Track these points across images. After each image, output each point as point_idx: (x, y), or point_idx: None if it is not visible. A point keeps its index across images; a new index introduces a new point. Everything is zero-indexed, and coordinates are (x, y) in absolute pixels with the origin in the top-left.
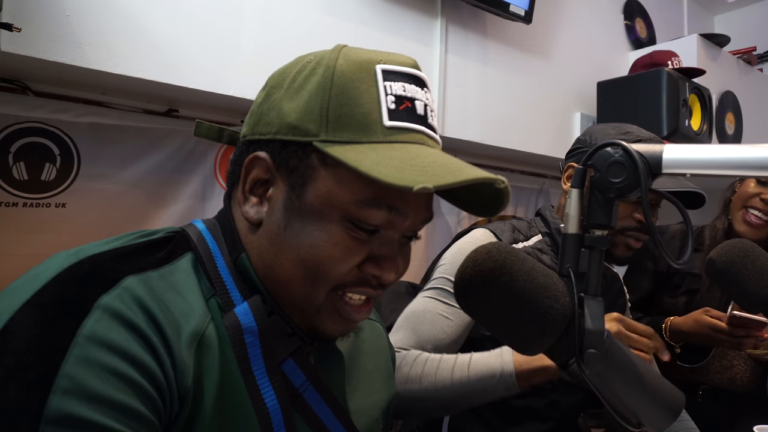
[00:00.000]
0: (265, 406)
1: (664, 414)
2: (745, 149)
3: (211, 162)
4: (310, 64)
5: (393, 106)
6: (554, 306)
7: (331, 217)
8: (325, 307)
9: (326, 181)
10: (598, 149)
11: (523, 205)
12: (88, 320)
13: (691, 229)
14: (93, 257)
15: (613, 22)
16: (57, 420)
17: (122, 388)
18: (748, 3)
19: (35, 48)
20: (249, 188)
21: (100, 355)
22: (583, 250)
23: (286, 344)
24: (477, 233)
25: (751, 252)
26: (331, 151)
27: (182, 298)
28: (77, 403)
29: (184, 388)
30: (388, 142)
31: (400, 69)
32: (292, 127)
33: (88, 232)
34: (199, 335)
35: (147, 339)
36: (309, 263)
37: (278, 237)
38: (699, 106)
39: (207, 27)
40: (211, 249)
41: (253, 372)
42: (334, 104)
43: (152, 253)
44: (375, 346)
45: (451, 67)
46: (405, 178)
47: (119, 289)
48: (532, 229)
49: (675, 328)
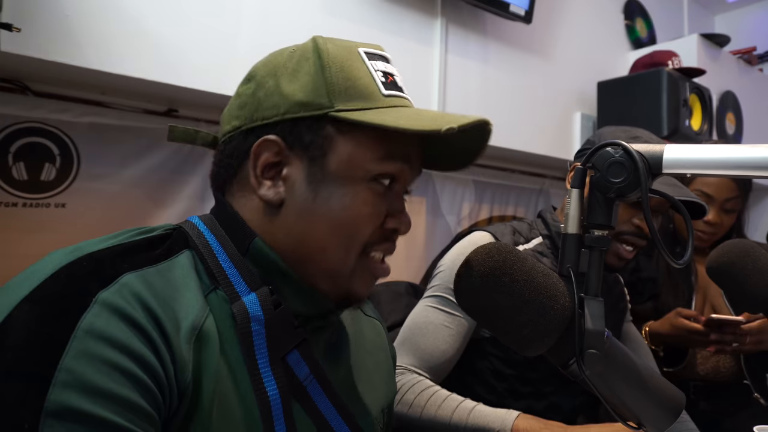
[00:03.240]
0: (266, 394)
1: (664, 414)
2: (745, 149)
3: (210, 162)
4: (295, 52)
5: (383, 79)
6: (554, 306)
7: (355, 178)
8: (357, 268)
9: (346, 146)
10: (598, 149)
11: (523, 205)
12: (87, 315)
13: (692, 229)
14: (91, 254)
15: (613, 22)
16: (57, 413)
17: (122, 382)
18: (748, 3)
19: (35, 48)
20: (261, 172)
21: (99, 349)
22: (583, 251)
23: (291, 336)
24: (477, 236)
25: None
26: (350, 116)
27: (180, 293)
28: (77, 396)
29: (184, 382)
30: (390, 107)
31: (376, 51)
32: (303, 104)
33: (88, 232)
34: (197, 329)
35: (146, 334)
36: (344, 225)
37: (308, 209)
38: (699, 106)
39: (207, 27)
40: (210, 244)
41: (257, 360)
42: (339, 79)
43: (150, 250)
44: (375, 344)
45: (451, 67)
46: (428, 125)
47: (118, 285)
48: (532, 231)
49: (654, 332)
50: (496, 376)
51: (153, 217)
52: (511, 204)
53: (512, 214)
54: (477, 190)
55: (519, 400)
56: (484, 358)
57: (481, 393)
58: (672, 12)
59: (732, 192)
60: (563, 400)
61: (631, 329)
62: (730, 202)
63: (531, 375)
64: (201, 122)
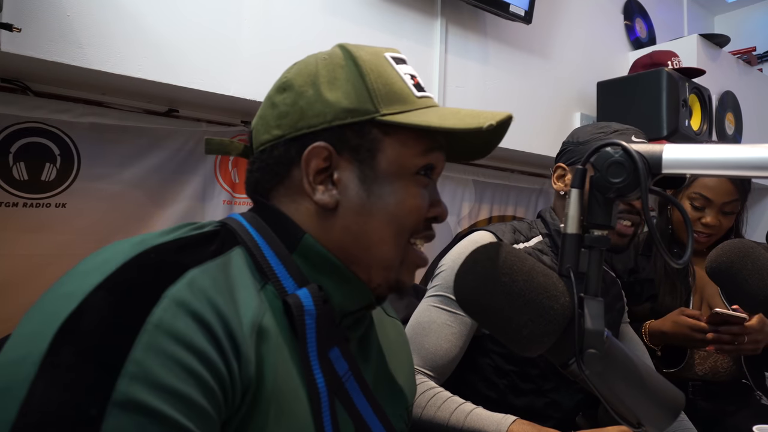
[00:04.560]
0: (317, 387)
1: (664, 414)
2: (745, 149)
3: (211, 162)
4: (327, 60)
5: (412, 81)
6: (554, 306)
7: (404, 174)
8: (405, 258)
9: (393, 146)
10: (598, 149)
11: (523, 205)
12: (156, 309)
13: (692, 229)
14: (157, 247)
15: (613, 22)
16: (123, 404)
17: (185, 380)
18: (748, 3)
19: (35, 48)
20: (313, 179)
21: (166, 345)
22: (583, 250)
23: (334, 333)
24: (478, 235)
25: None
26: (397, 119)
27: (239, 289)
28: (143, 389)
29: (247, 379)
30: (424, 107)
31: (398, 55)
32: (349, 111)
33: (88, 232)
34: (257, 325)
35: (212, 331)
36: (399, 218)
37: (364, 207)
38: (699, 106)
39: (207, 27)
40: (257, 240)
41: (308, 354)
42: (379, 85)
43: (207, 246)
44: (398, 344)
45: (451, 67)
46: (470, 123)
47: (186, 280)
48: (532, 230)
49: (654, 330)
50: (497, 373)
51: (153, 217)
52: (511, 204)
53: (512, 214)
54: (477, 190)
55: (520, 396)
56: (485, 354)
57: (483, 390)
58: (672, 12)
59: (731, 195)
60: (563, 398)
61: (628, 330)
62: (729, 205)
63: (531, 371)
64: (201, 122)
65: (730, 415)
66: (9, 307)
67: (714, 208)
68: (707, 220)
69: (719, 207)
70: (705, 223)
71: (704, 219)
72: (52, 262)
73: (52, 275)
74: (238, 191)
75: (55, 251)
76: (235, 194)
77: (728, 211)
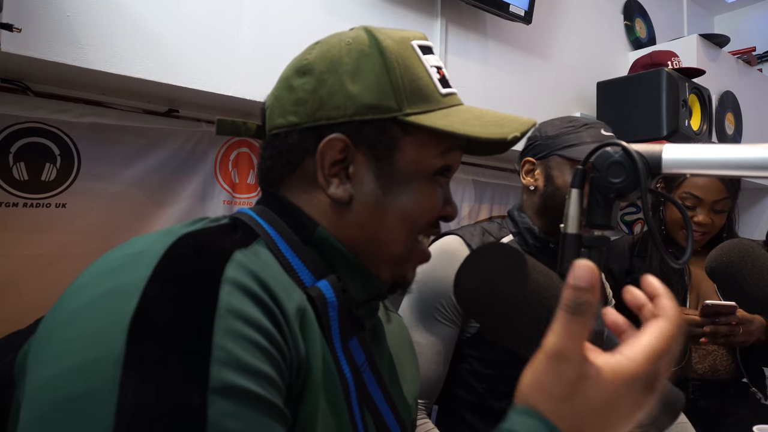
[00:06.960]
0: (345, 378)
1: (664, 414)
2: (745, 149)
3: (211, 162)
4: (352, 45)
5: (437, 75)
6: (554, 306)
7: (422, 174)
8: (413, 253)
9: (412, 147)
10: (598, 149)
11: None
12: (222, 293)
13: (691, 229)
14: (190, 234)
15: (613, 22)
16: (221, 390)
17: (262, 358)
18: (748, 3)
19: (35, 48)
20: (328, 171)
21: (241, 328)
22: (582, 250)
23: (352, 322)
24: (444, 241)
25: (751, 252)
26: (419, 120)
27: (279, 275)
28: (233, 373)
29: (299, 359)
30: (448, 107)
31: (425, 43)
32: (371, 107)
33: (88, 232)
34: (303, 309)
35: (271, 312)
36: (413, 217)
37: (379, 204)
38: (699, 106)
39: (207, 27)
40: (270, 234)
41: (334, 344)
42: (404, 81)
43: (233, 234)
44: (401, 337)
45: (451, 67)
46: (493, 132)
47: (235, 263)
48: (502, 230)
49: None
50: (476, 377)
51: (153, 217)
52: (511, 204)
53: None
54: (477, 190)
55: (500, 400)
56: (462, 360)
57: (462, 395)
58: (671, 12)
59: (721, 193)
60: None
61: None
62: (720, 203)
63: (510, 373)
64: (201, 122)
65: (730, 415)
66: (9, 307)
67: (705, 207)
68: (699, 219)
69: (710, 205)
70: (697, 222)
71: (696, 218)
72: (52, 262)
73: (53, 275)
74: (238, 191)
75: (56, 251)
76: (235, 194)
77: (719, 209)
